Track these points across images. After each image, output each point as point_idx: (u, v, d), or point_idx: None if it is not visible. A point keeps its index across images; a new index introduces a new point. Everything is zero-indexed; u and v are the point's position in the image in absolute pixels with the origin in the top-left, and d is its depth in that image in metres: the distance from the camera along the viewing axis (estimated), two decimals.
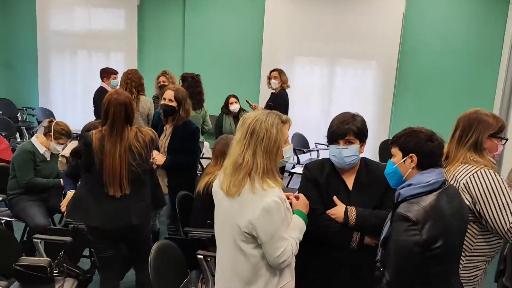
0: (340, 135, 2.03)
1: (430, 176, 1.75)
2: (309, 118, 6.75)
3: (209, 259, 2.54)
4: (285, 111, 5.64)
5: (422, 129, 1.84)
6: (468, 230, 2.08)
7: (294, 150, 5.94)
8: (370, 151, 6.04)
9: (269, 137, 1.76)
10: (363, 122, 2.08)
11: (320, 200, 2.07)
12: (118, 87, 4.83)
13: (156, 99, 4.69)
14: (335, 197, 2.06)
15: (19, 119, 7.36)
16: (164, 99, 3.38)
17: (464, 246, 2.08)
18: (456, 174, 2.08)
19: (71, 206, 2.66)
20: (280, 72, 5.52)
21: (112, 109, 2.50)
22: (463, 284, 2.07)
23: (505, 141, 2.18)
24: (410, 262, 1.70)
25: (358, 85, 6.65)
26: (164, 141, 3.42)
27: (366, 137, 2.09)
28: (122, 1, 7.37)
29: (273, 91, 5.72)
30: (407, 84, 6.33)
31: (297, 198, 1.99)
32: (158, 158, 3.31)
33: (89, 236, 2.65)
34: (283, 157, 1.91)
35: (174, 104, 3.34)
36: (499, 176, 2.02)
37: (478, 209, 2.01)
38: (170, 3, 7.25)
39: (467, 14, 6.10)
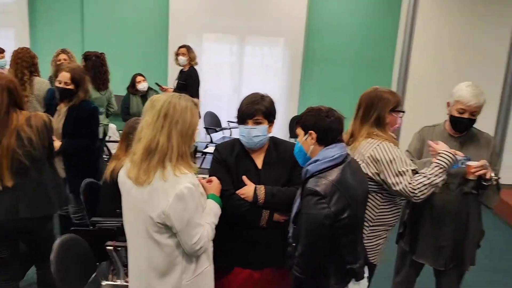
0: (249, 115, 2.03)
1: (334, 151, 1.83)
2: (221, 97, 6.71)
3: (119, 249, 2.42)
4: (198, 90, 5.56)
5: (321, 107, 1.91)
6: (371, 201, 2.23)
7: (207, 129, 5.90)
8: (280, 128, 6.20)
9: (184, 119, 1.70)
10: (271, 102, 2.10)
11: (230, 181, 2.07)
12: (7, 67, 4.35)
13: (52, 79, 4.31)
14: (244, 177, 2.07)
15: None
16: (60, 81, 3.11)
17: (367, 216, 2.22)
18: (361, 149, 2.22)
19: None
20: (189, 48, 5.39)
21: None
22: (368, 254, 2.21)
23: (402, 113, 2.34)
24: (321, 234, 1.76)
25: (268, 62, 6.72)
26: (58, 122, 3.14)
27: (274, 117, 2.11)
28: None
29: (182, 68, 5.59)
30: (313, 61, 6.52)
31: (209, 181, 1.96)
32: (54, 143, 3.05)
33: None
34: (194, 141, 1.86)
35: (71, 87, 3.10)
36: (398, 148, 2.20)
37: (382, 178, 2.16)
38: None
39: None
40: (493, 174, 2.33)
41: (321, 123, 1.84)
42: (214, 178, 1.97)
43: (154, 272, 1.76)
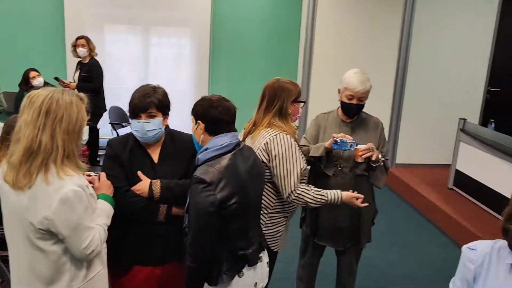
0: (141, 109, 1.95)
1: (224, 140, 1.85)
2: (126, 90, 6.41)
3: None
4: (102, 82, 5.32)
5: (212, 97, 1.91)
6: (268, 189, 2.28)
7: (112, 124, 5.65)
8: (189, 119, 6.10)
9: (69, 115, 1.57)
10: (164, 94, 2.03)
11: (123, 177, 1.99)
12: None
13: None
14: (139, 172, 2.00)
15: None
16: None
17: (265, 204, 2.27)
18: (259, 138, 2.25)
19: None
20: (87, 39, 5.15)
21: None
22: (267, 240, 2.26)
23: (303, 104, 2.42)
24: (207, 222, 1.76)
25: (175, 53, 6.57)
26: None
27: (168, 109, 2.05)
28: None
29: (81, 60, 5.30)
30: (221, 52, 6.50)
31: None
32: None
33: None
34: (82, 138, 1.75)
35: None
36: (295, 141, 2.25)
37: (271, 167, 2.22)
38: None
39: None
40: (380, 156, 2.50)
41: (209, 113, 1.85)
42: (102, 176, 1.88)
43: (39, 282, 1.63)
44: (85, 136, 1.77)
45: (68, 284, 1.65)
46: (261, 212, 2.19)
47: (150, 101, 1.95)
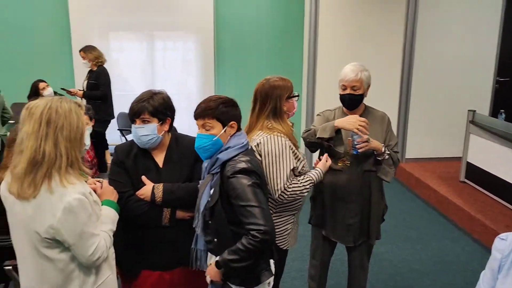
0: (134, 114, 1.98)
1: (242, 138, 1.90)
2: (134, 97, 6.44)
3: None
4: (109, 88, 5.38)
5: (220, 97, 1.92)
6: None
7: (121, 130, 5.69)
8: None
9: (69, 123, 1.59)
10: (163, 99, 2.02)
11: (128, 182, 2.01)
12: None
13: None
14: (143, 177, 2.01)
15: None
16: None
17: (271, 203, 2.26)
18: (252, 141, 2.22)
19: None
20: (85, 50, 5.23)
21: None
22: (276, 239, 2.25)
23: (297, 97, 2.38)
24: (264, 198, 1.82)
25: (180, 57, 6.60)
26: None
27: (166, 115, 2.04)
28: None
29: (91, 68, 5.38)
30: (225, 53, 6.52)
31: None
32: None
33: None
34: (85, 144, 1.77)
35: None
36: (286, 142, 2.21)
37: (262, 166, 2.18)
38: None
39: None
40: (384, 149, 2.47)
41: (237, 113, 1.92)
42: (104, 182, 1.89)
43: None
44: (87, 141, 1.78)
45: None
46: None
47: (143, 106, 1.97)
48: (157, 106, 1.98)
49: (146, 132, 1.98)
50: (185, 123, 2.73)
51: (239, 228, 1.80)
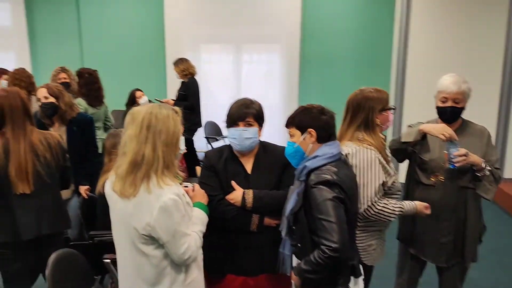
0: (239, 117, 2.05)
1: (333, 148, 1.86)
2: (220, 106, 6.71)
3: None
4: (197, 99, 5.62)
5: (313, 105, 1.92)
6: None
7: (207, 138, 5.92)
8: (279, 134, 6.18)
9: (167, 128, 1.70)
10: (260, 106, 2.12)
11: (218, 186, 2.07)
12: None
13: None
14: (233, 182, 2.07)
15: None
16: (39, 99, 3.16)
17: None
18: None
19: None
20: (176, 63, 5.49)
21: (5, 106, 2.33)
22: (360, 254, 2.19)
23: (393, 110, 2.32)
24: (341, 214, 1.74)
25: (265, 69, 6.74)
26: None
27: (263, 121, 2.12)
28: None
29: (183, 80, 5.66)
30: (310, 65, 6.53)
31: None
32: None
33: None
34: (180, 149, 1.86)
35: (51, 100, 3.14)
36: (376, 155, 2.13)
37: None
38: None
39: None
40: (484, 165, 2.31)
41: (318, 121, 1.86)
42: (196, 186, 1.97)
43: (143, 283, 1.75)
44: (182, 146, 1.89)
45: (169, 286, 1.75)
46: None
47: (249, 111, 2.05)
48: (259, 111, 2.08)
49: (250, 135, 2.05)
50: (266, 133, 2.78)
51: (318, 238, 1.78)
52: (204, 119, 6.01)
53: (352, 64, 6.43)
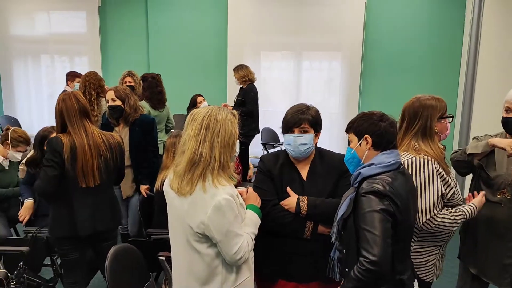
0: (295, 124, 2.03)
1: (391, 157, 1.79)
2: (278, 112, 6.73)
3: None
4: (255, 105, 5.67)
5: (373, 112, 1.87)
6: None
7: (264, 144, 5.95)
8: (339, 142, 6.09)
9: (225, 130, 1.74)
10: (317, 112, 2.09)
11: (273, 191, 2.06)
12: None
13: None
14: (288, 188, 2.05)
15: None
16: (107, 100, 3.36)
17: (414, 231, 2.10)
18: None
19: (52, 225, 2.61)
20: (235, 69, 5.55)
21: (64, 107, 2.51)
22: (417, 270, 2.09)
23: (451, 118, 2.22)
24: (386, 227, 1.66)
25: (325, 76, 6.68)
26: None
27: (320, 127, 2.09)
28: (83, 3, 7.20)
29: (241, 86, 5.74)
30: (372, 73, 6.39)
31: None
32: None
33: (56, 242, 2.62)
34: (235, 151, 1.89)
35: (118, 102, 3.32)
36: (433, 166, 2.04)
37: None
38: (132, 3, 7.14)
39: (427, 0, 6.18)
40: None
41: (375, 127, 1.80)
42: (250, 188, 1.98)
43: (195, 281, 1.78)
44: (237, 149, 1.91)
45: (220, 286, 1.77)
46: None
47: (304, 117, 2.03)
48: (315, 117, 2.05)
49: (305, 141, 2.03)
50: (325, 141, 2.74)
51: None
52: (262, 125, 6.05)
53: (416, 70, 6.21)
